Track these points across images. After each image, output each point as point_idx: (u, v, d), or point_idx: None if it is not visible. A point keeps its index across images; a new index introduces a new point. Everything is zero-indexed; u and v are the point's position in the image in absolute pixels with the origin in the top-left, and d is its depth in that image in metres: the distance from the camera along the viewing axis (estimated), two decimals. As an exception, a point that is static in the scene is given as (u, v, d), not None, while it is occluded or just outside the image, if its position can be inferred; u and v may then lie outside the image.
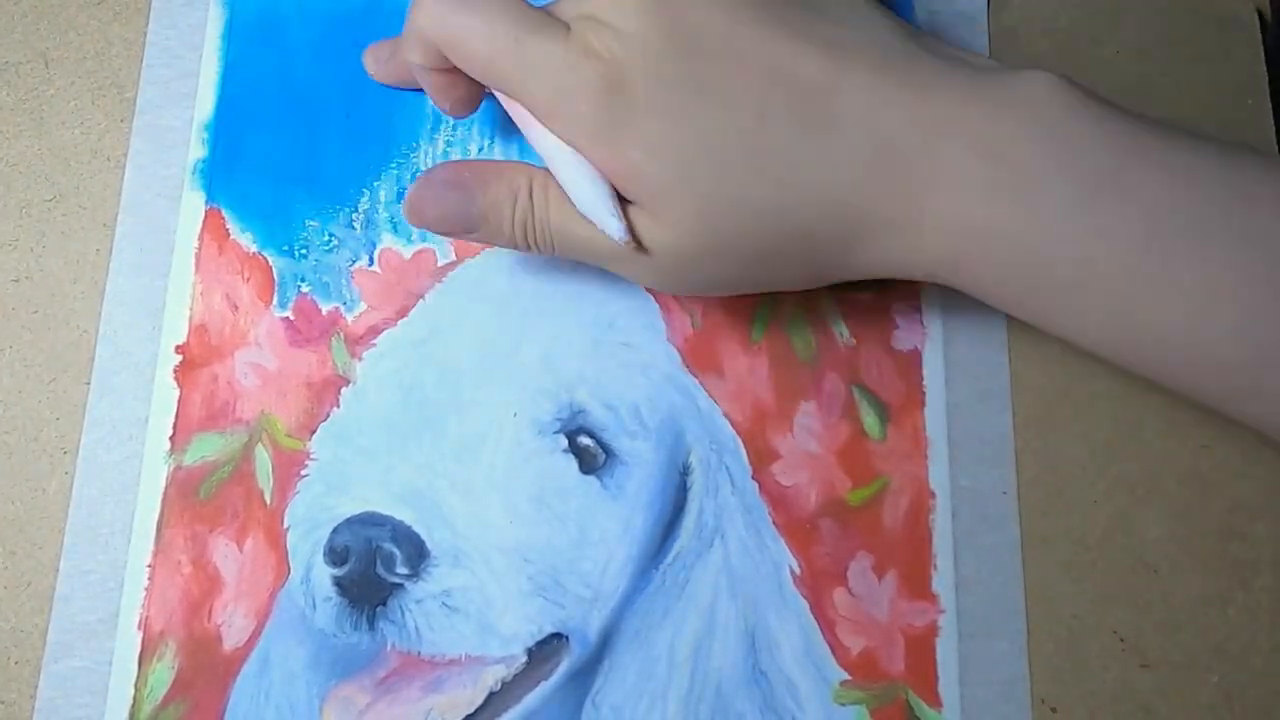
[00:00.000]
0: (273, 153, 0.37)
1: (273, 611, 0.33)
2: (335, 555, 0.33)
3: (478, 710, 0.32)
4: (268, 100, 0.37)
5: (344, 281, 0.36)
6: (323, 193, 0.36)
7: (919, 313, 0.36)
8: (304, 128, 0.37)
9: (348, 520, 0.33)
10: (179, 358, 0.35)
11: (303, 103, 0.37)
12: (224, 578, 0.33)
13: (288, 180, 0.37)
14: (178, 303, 0.35)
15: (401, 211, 0.34)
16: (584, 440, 0.34)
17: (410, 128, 0.37)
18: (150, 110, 0.37)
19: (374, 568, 0.32)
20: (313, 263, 0.36)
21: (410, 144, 0.37)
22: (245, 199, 0.36)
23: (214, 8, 0.38)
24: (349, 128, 0.37)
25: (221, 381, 0.35)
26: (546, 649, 0.33)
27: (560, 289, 0.35)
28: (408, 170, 0.37)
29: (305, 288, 0.36)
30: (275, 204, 0.36)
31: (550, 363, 0.35)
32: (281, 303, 0.35)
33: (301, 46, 0.38)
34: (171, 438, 0.34)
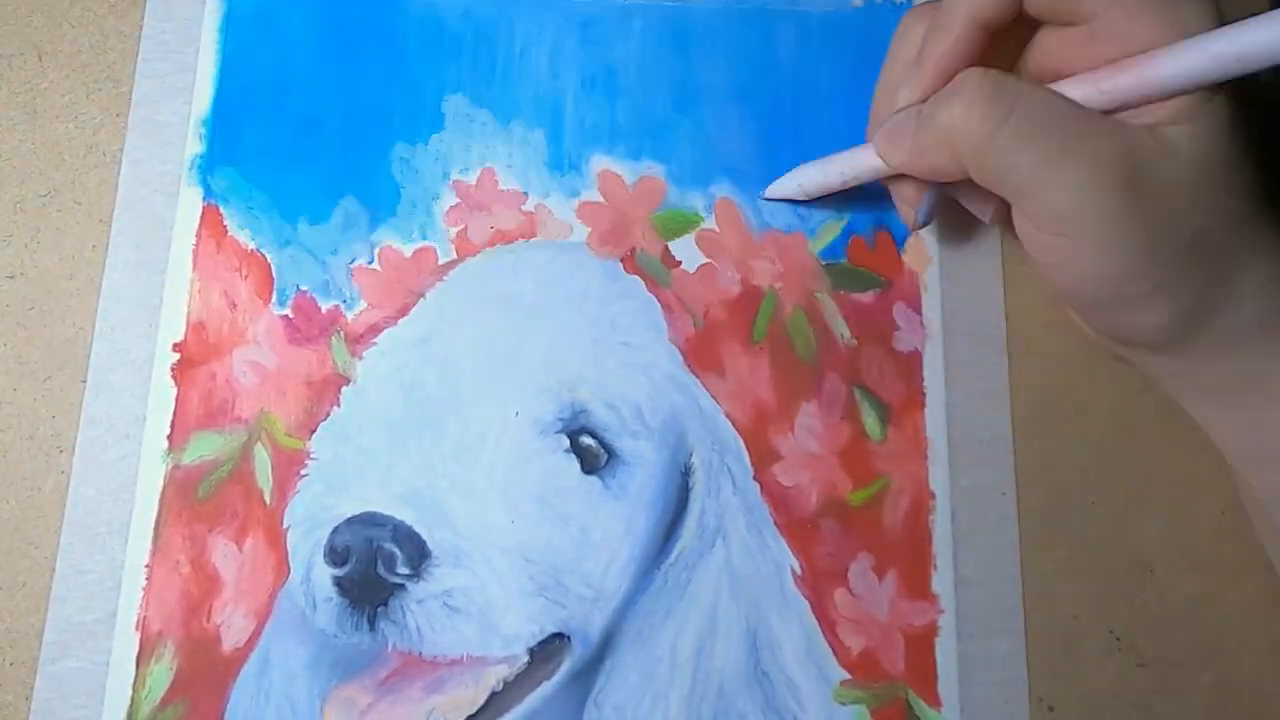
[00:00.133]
0: (270, 148, 0.36)
1: (273, 612, 0.33)
2: (335, 555, 0.32)
3: (479, 710, 0.32)
4: (265, 95, 0.37)
5: (344, 279, 0.35)
6: (321, 189, 0.36)
7: (919, 314, 0.36)
8: (302, 123, 0.37)
9: (348, 520, 0.33)
10: (177, 355, 0.35)
11: (301, 98, 0.37)
12: (223, 578, 0.33)
13: (286, 176, 0.36)
14: (175, 300, 0.35)
15: None
16: (586, 440, 0.34)
17: (409, 123, 0.37)
18: (146, 105, 0.37)
19: (375, 568, 0.32)
20: (312, 260, 0.36)
21: (409, 139, 0.37)
22: (243, 195, 0.36)
23: (211, 1, 0.38)
24: (347, 123, 0.37)
25: (220, 380, 0.34)
26: (548, 649, 0.33)
27: (562, 288, 0.35)
28: (407, 166, 0.36)
29: (304, 285, 0.35)
30: (273, 200, 0.36)
31: (552, 362, 0.35)
32: (280, 300, 0.35)
33: (299, 41, 0.37)
34: (169, 436, 0.34)
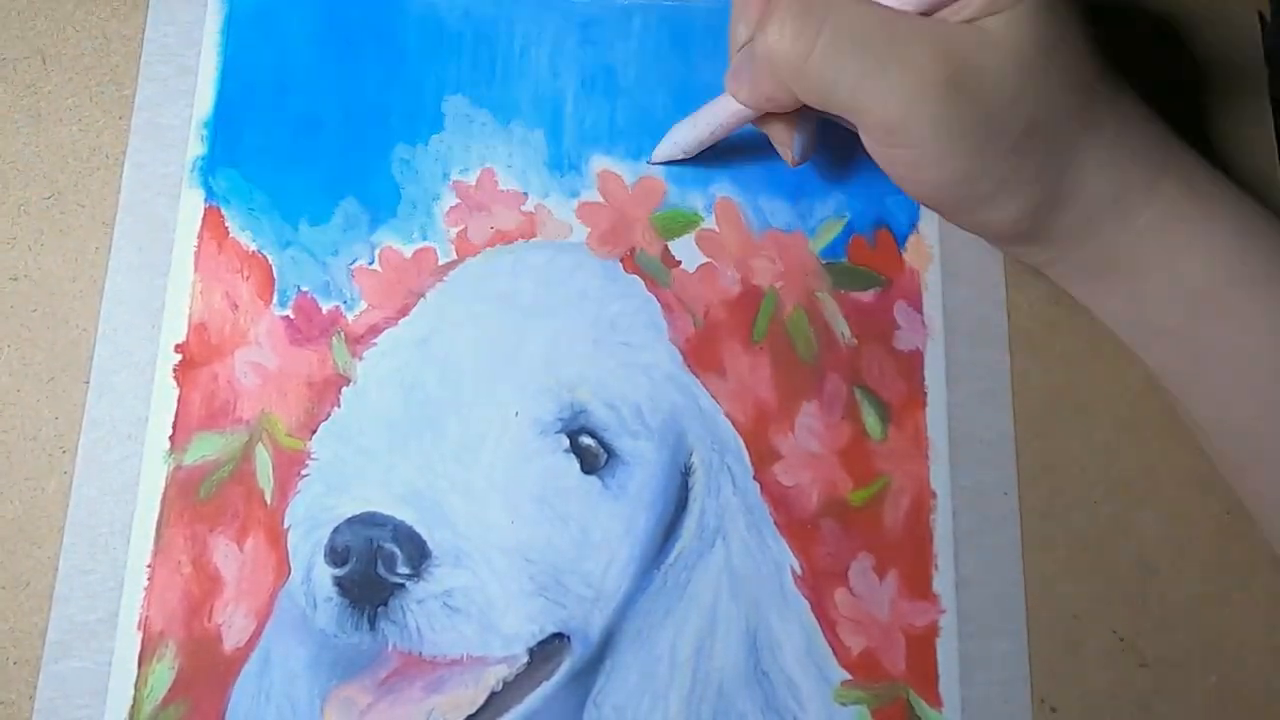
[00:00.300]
0: (272, 150, 0.37)
1: (273, 612, 0.33)
2: (336, 555, 0.33)
3: (479, 710, 0.32)
4: (267, 97, 0.37)
5: (344, 280, 0.35)
6: (322, 190, 0.36)
7: (920, 313, 0.36)
8: (303, 124, 0.37)
9: (348, 520, 0.33)
10: (179, 357, 0.35)
11: (301, 99, 0.37)
12: (224, 578, 0.33)
13: (287, 177, 0.36)
14: (177, 301, 0.35)
15: None
16: (586, 440, 0.34)
17: (409, 123, 0.37)
18: (149, 107, 0.37)
19: (375, 568, 0.32)
20: (313, 261, 0.36)
21: (409, 140, 0.37)
22: (244, 197, 0.36)
23: (213, 4, 0.38)
24: (348, 124, 0.37)
25: (221, 381, 0.35)
26: (548, 649, 0.33)
27: (562, 288, 0.35)
28: (407, 167, 0.36)
29: (305, 286, 0.35)
30: (274, 201, 0.36)
31: (552, 362, 0.35)
32: (281, 301, 0.35)
33: (300, 43, 0.38)
34: (171, 437, 0.34)
